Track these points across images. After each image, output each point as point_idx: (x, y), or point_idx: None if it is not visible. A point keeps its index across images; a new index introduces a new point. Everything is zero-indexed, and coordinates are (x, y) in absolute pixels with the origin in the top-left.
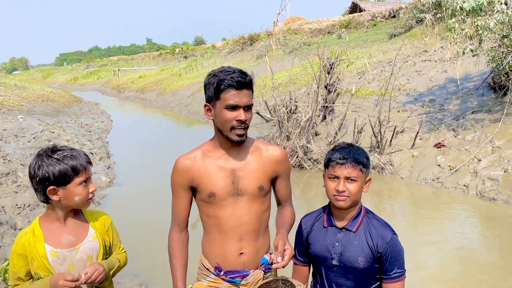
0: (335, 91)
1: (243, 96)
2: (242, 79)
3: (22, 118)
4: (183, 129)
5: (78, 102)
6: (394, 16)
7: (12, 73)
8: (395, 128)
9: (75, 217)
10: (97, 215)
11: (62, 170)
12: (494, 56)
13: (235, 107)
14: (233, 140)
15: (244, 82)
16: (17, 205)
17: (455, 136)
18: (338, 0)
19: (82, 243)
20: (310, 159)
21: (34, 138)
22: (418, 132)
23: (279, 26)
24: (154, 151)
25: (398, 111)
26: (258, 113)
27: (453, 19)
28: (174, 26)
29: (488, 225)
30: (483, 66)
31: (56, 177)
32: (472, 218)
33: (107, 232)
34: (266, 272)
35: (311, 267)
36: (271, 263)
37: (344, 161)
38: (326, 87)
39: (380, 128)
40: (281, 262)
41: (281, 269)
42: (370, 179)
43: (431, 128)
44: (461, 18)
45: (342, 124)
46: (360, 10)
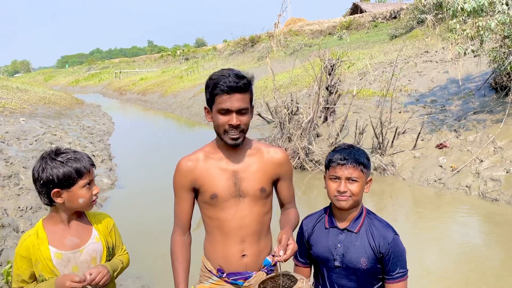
0: (336, 92)
1: (234, 101)
2: (234, 84)
3: (24, 120)
4: (185, 131)
5: (79, 105)
6: (395, 17)
7: (14, 75)
8: (396, 129)
9: (79, 219)
10: (100, 217)
11: (66, 172)
12: (495, 56)
13: (227, 111)
14: (227, 143)
15: (235, 86)
16: (19, 207)
17: (457, 137)
18: (339, 1)
19: (86, 245)
20: (312, 161)
21: (36, 140)
22: (419, 133)
23: (280, 27)
24: (156, 153)
25: (400, 112)
26: (259, 114)
27: (454, 20)
28: (175, 28)
29: (490, 225)
30: (484, 66)
31: (60, 179)
32: (474, 219)
33: (110, 234)
34: (268, 274)
35: (312, 268)
36: (274, 264)
37: (345, 161)
38: (327, 88)
39: (382, 129)
40: (283, 255)
41: (281, 269)
42: (371, 180)
43: (433, 129)
44: (462, 19)
45: (343, 125)
46: (361, 11)
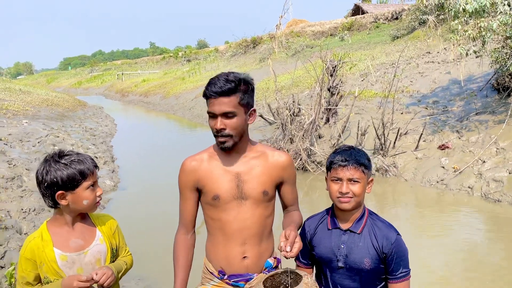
0: (338, 93)
1: (217, 104)
2: (218, 88)
3: (27, 122)
4: (187, 132)
5: (82, 106)
6: (397, 18)
7: (17, 77)
8: (398, 130)
9: (83, 221)
10: (103, 218)
11: (70, 174)
12: (497, 57)
13: (214, 116)
14: (218, 147)
15: (219, 91)
16: (22, 209)
17: (459, 138)
18: (340, 2)
19: (90, 246)
20: (314, 162)
21: (39, 142)
22: (422, 134)
23: (282, 28)
24: (158, 154)
25: (402, 113)
26: (261, 115)
27: (456, 21)
28: (177, 29)
29: (493, 226)
30: (486, 67)
31: (65, 181)
32: (477, 220)
33: (113, 235)
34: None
35: (314, 269)
36: (275, 266)
37: (346, 163)
38: (329, 90)
39: (384, 130)
40: (289, 252)
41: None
42: (372, 180)
43: (435, 129)
44: (464, 20)
45: (345, 126)
46: (363, 12)
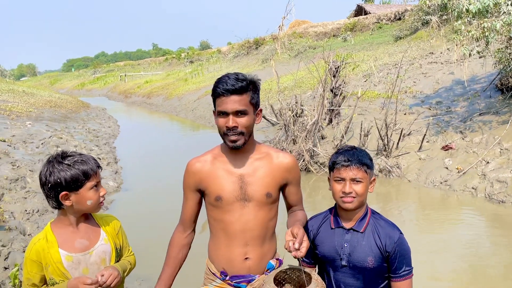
0: (341, 94)
1: (229, 102)
2: (231, 86)
3: (30, 124)
4: (190, 133)
5: (85, 108)
6: (400, 19)
7: (20, 79)
8: (402, 130)
9: (87, 221)
10: (107, 219)
11: (74, 175)
12: (501, 57)
13: (225, 114)
14: (228, 146)
15: (232, 89)
16: (26, 210)
17: (463, 139)
18: (343, 3)
19: (95, 246)
20: (317, 163)
21: (42, 144)
22: (425, 134)
23: (285, 29)
24: (161, 155)
25: (405, 114)
26: (264, 116)
27: (459, 21)
28: (180, 31)
29: (497, 227)
30: (490, 67)
31: (68, 182)
32: (481, 221)
33: (117, 235)
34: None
35: (316, 268)
36: (278, 267)
37: (349, 163)
38: (332, 90)
39: (387, 131)
40: (298, 251)
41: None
42: (374, 179)
43: (438, 130)
44: (467, 20)
45: (348, 127)
46: (365, 13)
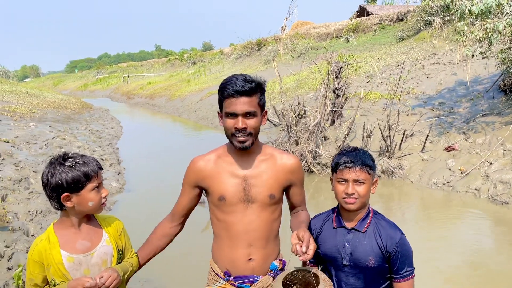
0: (343, 95)
1: (239, 104)
2: (240, 88)
3: (33, 125)
4: (192, 134)
5: (88, 109)
6: (402, 19)
7: (24, 80)
8: (404, 131)
9: (89, 222)
10: (109, 220)
11: (75, 176)
12: (504, 58)
13: (234, 115)
14: (236, 147)
15: (241, 90)
16: (29, 211)
17: (466, 140)
18: (345, 4)
19: (97, 247)
20: (319, 164)
21: (45, 145)
22: (428, 135)
23: (287, 31)
24: (164, 156)
25: (408, 115)
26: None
27: (462, 22)
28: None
29: (500, 229)
30: (493, 68)
31: (69, 183)
32: (484, 222)
33: (119, 237)
34: (275, 278)
35: (319, 267)
36: (281, 269)
37: (352, 164)
38: (334, 91)
39: (390, 132)
40: (305, 254)
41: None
42: (376, 181)
43: (441, 131)
44: (470, 21)
45: (351, 128)
46: (368, 14)
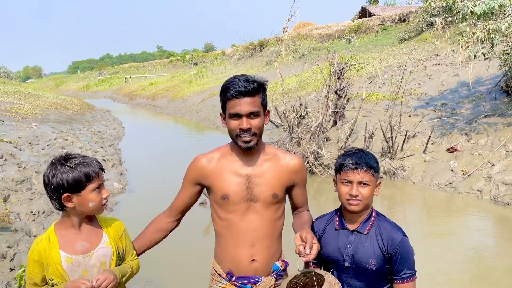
0: (345, 96)
1: (243, 104)
2: (243, 88)
3: (36, 126)
4: (194, 135)
5: (90, 110)
6: (404, 20)
7: (26, 81)
8: (406, 132)
9: (90, 223)
10: (110, 221)
11: (76, 177)
12: (506, 59)
13: (238, 116)
14: (241, 147)
15: (244, 90)
16: (31, 212)
17: (468, 141)
18: (347, 5)
19: (96, 249)
20: (321, 165)
21: (48, 145)
22: (430, 136)
23: (289, 31)
24: (166, 157)
25: (410, 116)
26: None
27: (464, 23)
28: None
29: (503, 230)
30: (495, 69)
31: (70, 184)
32: (486, 223)
33: (120, 239)
34: (277, 279)
35: (321, 268)
36: (283, 269)
37: (356, 166)
38: (336, 92)
39: (392, 133)
40: (309, 254)
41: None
42: (380, 183)
43: (443, 132)
44: (472, 22)
45: (353, 129)
46: (370, 15)
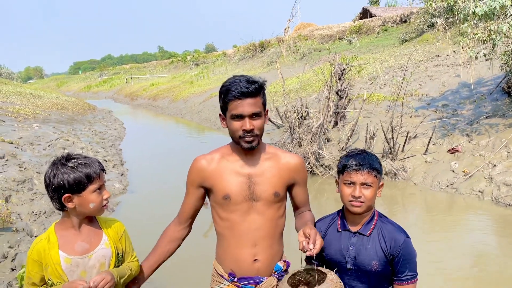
0: (346, 97)
1: (245, 105)
2: (245, 89)
3: (37, 126)
4: (195, 136)
5: (91, 110)
6: (405, 21)
7: (27, 82)
8: (407, 133)
9: (90, 224)
10: (110, 222)
11: (77, 178)
12: (507, 60)
13: (240, 117)
14: (243, 148)
15: (246, 91)
16: (33, 212)
17: (469, 141)
18: (348, 6)
19: (95, 250)
20: (322, 165)
21: (49, 146)
22: (431, 137)
23: (290, 32)
24: (167, 157)
25: (411, 117)
26: (269, 119)
27: (465, 24)
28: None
29: (504, 231)
30: (496, 70)
31: (71, 184)
32: (487, 224)
33: (120, 240)
34: (279, 280)
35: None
36: (285, 270)
37: (359, 167)
38: (337, 93)
39: (393, 133)
40: (313, 249)
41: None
42: (382, 184)
43: (445, 133)
44: (473, 23)
45: (354, 130)
46: (371, 16)
